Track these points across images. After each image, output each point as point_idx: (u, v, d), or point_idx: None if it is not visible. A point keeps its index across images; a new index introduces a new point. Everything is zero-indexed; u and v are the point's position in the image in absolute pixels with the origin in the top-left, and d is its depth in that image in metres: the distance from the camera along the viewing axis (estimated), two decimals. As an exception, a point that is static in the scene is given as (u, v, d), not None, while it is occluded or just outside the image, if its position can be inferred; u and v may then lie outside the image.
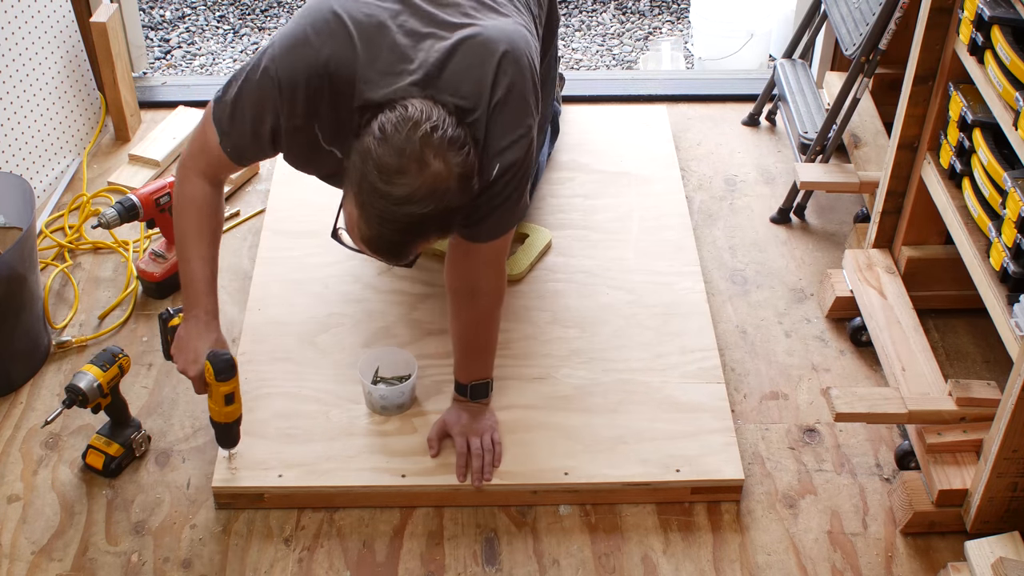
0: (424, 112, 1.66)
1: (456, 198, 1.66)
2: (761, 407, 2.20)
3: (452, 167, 1.64)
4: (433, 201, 1.63)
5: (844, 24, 2.47)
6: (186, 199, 1.92)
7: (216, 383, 1.87)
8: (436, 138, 1.63)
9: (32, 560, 1.92)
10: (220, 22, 3.80)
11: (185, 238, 1.92)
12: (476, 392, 2.05)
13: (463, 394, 2.06)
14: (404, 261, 1.75)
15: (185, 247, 1.92)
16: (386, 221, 1.64)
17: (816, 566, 1.93)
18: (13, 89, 2.54)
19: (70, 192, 2.71)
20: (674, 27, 3.84)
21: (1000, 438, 1.78)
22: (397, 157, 1.61)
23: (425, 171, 1.62)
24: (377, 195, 1.63)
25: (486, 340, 2.04)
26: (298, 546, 1.95)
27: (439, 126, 1.65)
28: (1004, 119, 1.81)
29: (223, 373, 1.87)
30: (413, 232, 1.67)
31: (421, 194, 1.62)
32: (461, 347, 2.04)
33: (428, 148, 1.62)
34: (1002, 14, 1.84)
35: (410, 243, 1.69)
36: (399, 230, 1.65)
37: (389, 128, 1.64)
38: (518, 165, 1.83)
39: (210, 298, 1.93)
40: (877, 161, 2.52)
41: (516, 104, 1.80)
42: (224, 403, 1.90)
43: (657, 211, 2.59)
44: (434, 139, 1.63)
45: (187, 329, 1.92)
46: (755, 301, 2.43)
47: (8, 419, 2.16)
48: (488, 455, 2.00)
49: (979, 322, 2.27)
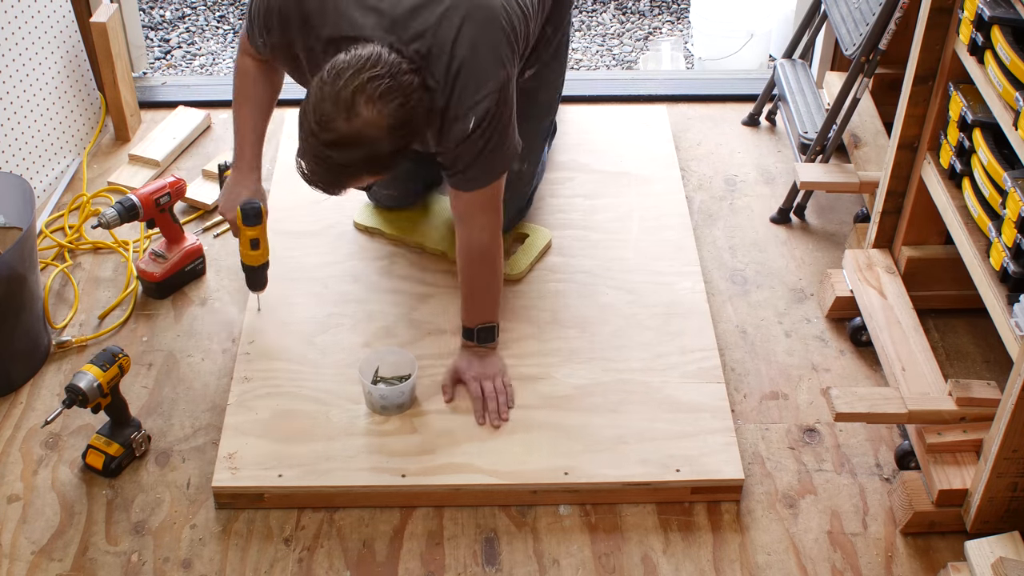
0: (372, 59, 1.76)
1: (386, 145, 1.78)
2: (761, 407, 2.20)
3: (383, 116, 1.75)
4: (360, 148, 1.77)
5: (844, 24, 2.47)
6: (236, 71, 2.16)
7: (244, 227, 2.13)
8: (372, 87, 1.74)
9: (32, 560, 1.92)
10: (220, 22, 3.79)
11: (235, 102, 2.17)
12: (483, 336, 2.12)
13: (470, 339, 2.13)
14: (337, 194, 1.88)
15: (235, 109, 2.17)
16: (317, 159, 1.79)
17: (816, 566, 1.93)
18: (13, 89, 2.54)
19: (70, 192, 2.71)
20: (674, 27, 3.84)
21: (1000, 438, 1.78)
22: (331, 103, 1.74)
23: (353, 120, 1.74)
24: (311, 135, 1.77)
25: (487, 280, 2.11)
26: (298, 546, 1.95)
27: (380, 75, 1.75)
28: (1004, 119, 1.81)
29: (249, 219, 2.13)
30: (342, 173, 1.82)
31: (347, 141, 1.75)
32: (464, 286, 2.12)
33: (360, 95, 1.74)
34: (1002, 14, 1.84)
35: (340, 183, 1.84)
36: (328, 170, 1.81)
37: (334, 71, 1.76)
38: (492, 115, 1.91)
39: (252, 151, 2.17)
40: (877, 161, 2.52)
41: (485, 56, 1.88)
42: (250, 247, 2.17)
43: (657, 211, 2.59)
44: (369, 88, 1.74)
45: (232, 178, 2.19)
46: (755, 301, 2.43)
47: (8, 419, 2.16)
48: (502, 396, 2.09)
49: (979, 322, 2.27)
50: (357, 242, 2.50)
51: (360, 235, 2.51)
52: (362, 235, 2.51)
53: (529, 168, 2.41)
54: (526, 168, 2.39)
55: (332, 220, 2.55)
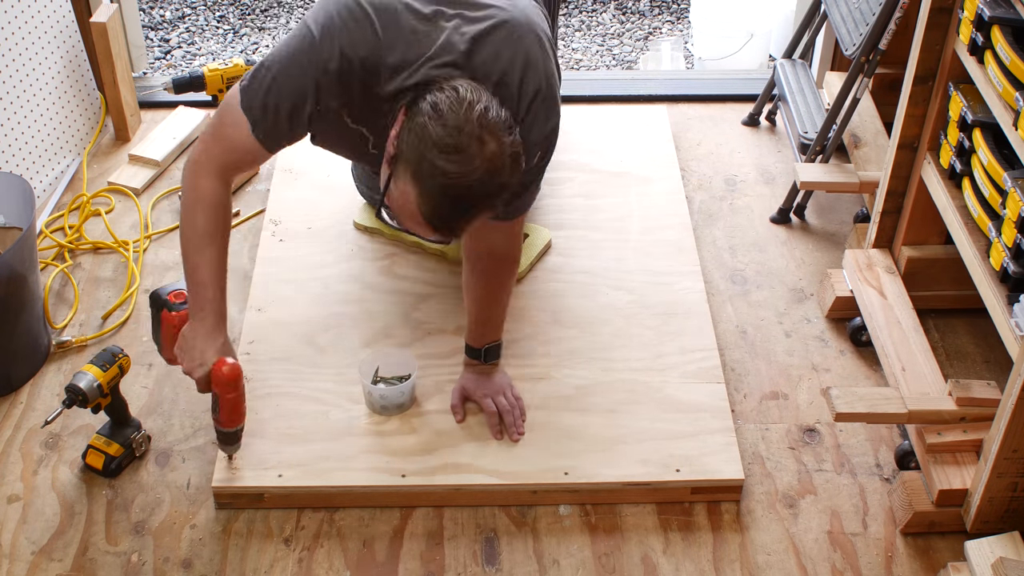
0: (474, 93, 1.71)
1: (508, 175, 1.71)
2: (761, 407, 2.20)
3: (505, 146, 1.69)
4: (490, 178, 1.67)
5: (844, 24, 2.47)
6: (199, 199, 1.88)
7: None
8: (490, 118, 1.68)
9: (32, 560, 1.92)
10: (220, 22, 3.80)
11: (196, 239, 1.88)
12: (490, 354, 2.11)
13: (477, 358, 2.11)
14: (457, 236, 1.77)
15: (196, 249, 1.88)
16: (445, 197, 1.67)
17: (816, 566, 1.93)
18: (13, 89, 2.54)
19: (70, 192, 2.71)
20: (674, 27, 3.84)
21: (1000, 438, 1.78)
22: (456, 135, 1.65)
23: (484, 149, 1.66)
24: (437, 171, 1.65)
25: (499, 304, 2.09)
26: (298, 546, 1.95)
27: (490, 107, 1.70)
28: (1004, 119, 1.81)
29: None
30: (469, 208, 1.70)
31: (480, 171, 1.66)
32: (476, 311, 2.08)
33: (484, 128, 1.66)
34: (1002, 14, 1.84)
35: (465, 218, 1.72)
36: (457, 206, 1.68)
37: (444, 107, 1.68)
38: (550, 150, 1.95)
39: (219, 302, 1.89)
40: (877, 161, 2.52)
41: (550, 97, 1.89)
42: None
43: (657, 211, 2.59)
44: (488, 119, 1.68)
45: (194, 330, 1.89)
46: (755, 301, 2.43)
47: (8, 419, 2.16)
48: (516, 410, 2.08)
49: (979, 322, 2.27)
50: (357, 242, 2.50)
51: (360, 235, 2.51)
52: (362, 235, 2.51)
53: None
54: None
55: (332, 220, 2.55)
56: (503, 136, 1.68)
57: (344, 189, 2.60)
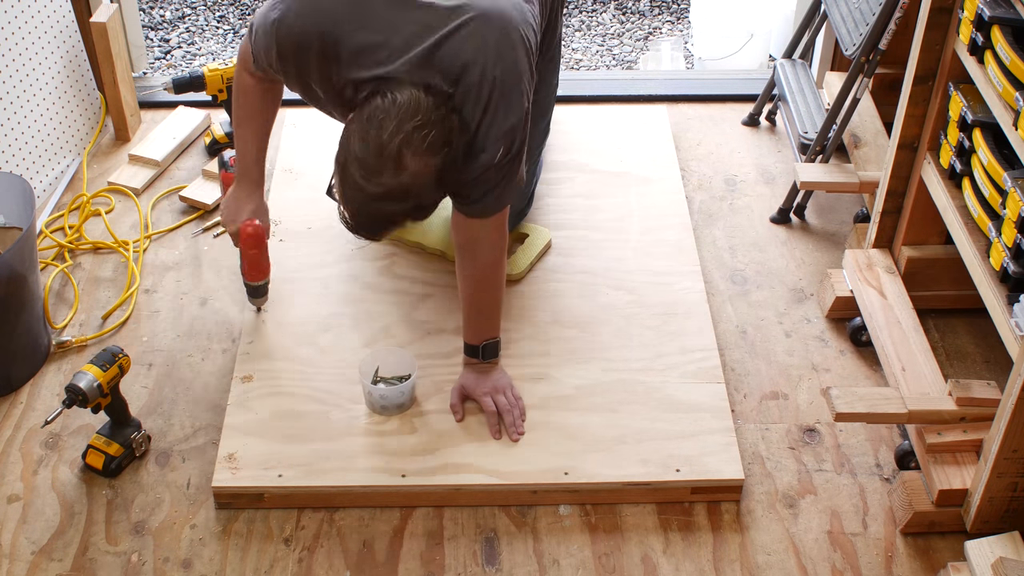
0: (411, 106, 1.73)
1: (431, 193, 1.79)
2: (761, 407, 2.20)
3: (429, 168, 1.74)
4: (407, 199, 1.76)
5: (844, 24, 2.47)
6: (236, 88, 2.16)
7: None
8: (417, 139, 1.72)
9: (32, 560, 1.92)
10: (220, 22, 3.80)
11: (236, 119, 2.19)
12: (487, 352, 2.10)
13: (475, 355, 2.11)
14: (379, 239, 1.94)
15: (236, 125, 2.20)
16: (361, 212, 1.78)
17: (816, 566, 1.93)
18: (13, 89, 2.54)
19: (70, 192, 2.71)
20: (674, 27, 3.84)
21: (1000, 438, 1.78)
22: (376, 156, 1.71)
23: (402, 173, 1.72)
24: (356, 188, 1.75)
25: (491, 298, 2.09)
26: (298, 546, 1.95)
27: (424, 125, 1.72)
28: (1004, 119, 1.81)
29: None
30: (386, 222, 1.82)
31: (396, 194, 1.74)
32: (469, 306, 2.10)
33: (407, 148, 1.71)
34: (1002, 14, 1.84)
35: (383, 230, 1.85)
36: (373, 220, 1.80)
37: (375, 121, 1.72)
38: (516, 145, 1.90)
39: (253, 171, 2.19)
40: (877, 161, 2.52)
41: (511, 92, 1.86)
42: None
43: (657, 211, 2.59)
44: (415, 139, 1.71)
45: (235, 192, 2.21)
46: (755, 301, 2.43)
47: (8, 419, 2.16)
48: (515, 409, 2.08)
49: (979, 322, 2.27)
50: (357, 242, 2.48)
51: (360, 235, 2.51)
52: (362, 235, 2.51)
53: (529, 168, 2.41)
54: (527, 168, 2.39)
55: (332, 220, 2.52)
56: (429, 157, 1.73)
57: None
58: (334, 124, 2.57)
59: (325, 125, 2.56)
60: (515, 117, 1.87)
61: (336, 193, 1.82)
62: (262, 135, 2.19)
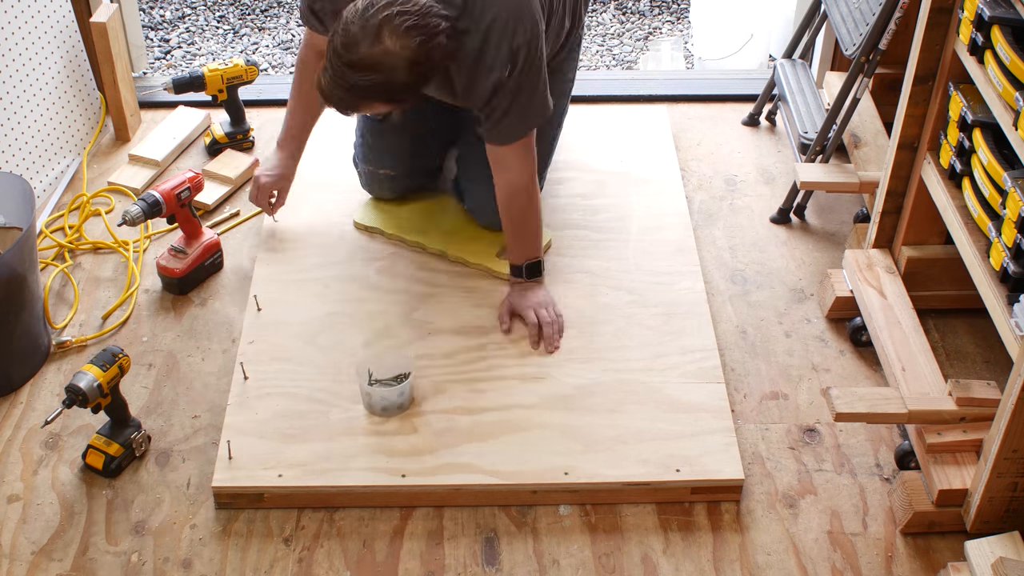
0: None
1: (402, 76, 1.91)
2: (761, 407, 2.20)
3: (402, 49, 1.88)
4: (377, 73, 1.89)
5: (844, 24, 2.47)
6: (297, 62, 2.38)
7: None
8: (399, 20, 1.87)
9: (32, 560, 1.92)
10: (220, 22, 3.80)
11: (292, 88, 2.39)
12: (531, 271, 2.28)
13: (519, 275, 2.29)
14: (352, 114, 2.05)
15: (290, 94, 2.40)
16: (336, 78, 1.92)
17: (816, 566, 1.93)
18: (13, 89, 2.54)
19: (70, 192, 2.71)
20: (674, 27, 3.84)
21: (1000, 438, 1.78)
22: (359, 27, 1.88)
23: (375, 46, 1.88)
24: (334, 53, 1.91)
25: (530, 217, 2.25)
26: (298, 546, 1.95)
27: (409, 11, 1.87)
28: (1004, 119, 1.81)
29: None
30: (356, 94, 1.94)
31: (365, 64, 1.89)
32: (509, 231, 2.27)
33: (387, 25, 1.87)
34: (1002, 14, 1.84)
35: (353, 103, 1.98)
36: (344, 88, 1.92)
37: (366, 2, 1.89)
38: (524, 64, 2.04)
39: (286, 137, 2.42)
40: (877, 161, 2.52)
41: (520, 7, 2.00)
42: None
43: (657, 211, 2.59)
44: (396, 20, 1.87)
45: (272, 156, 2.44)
46: (755, 301, 2.43)
47: (8, 419, 2.16)
48: (555, 323, 2.24)
49: (979, 322, 2.27)
50: (357, 242, 2.50)
51: (360, 235, 2.51)
52: (362, 235, 2.51)
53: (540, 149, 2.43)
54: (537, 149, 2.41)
55: (332, 220, 2.55)
56: (407, 39, 1.87)
57: (344, 189, 2.60)
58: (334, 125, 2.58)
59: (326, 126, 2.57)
60: (522, 37, 2.00)
61: None
62: (306, 112, 2.39)
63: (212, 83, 2.74)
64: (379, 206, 2.55)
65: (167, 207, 2.36)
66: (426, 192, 2.58)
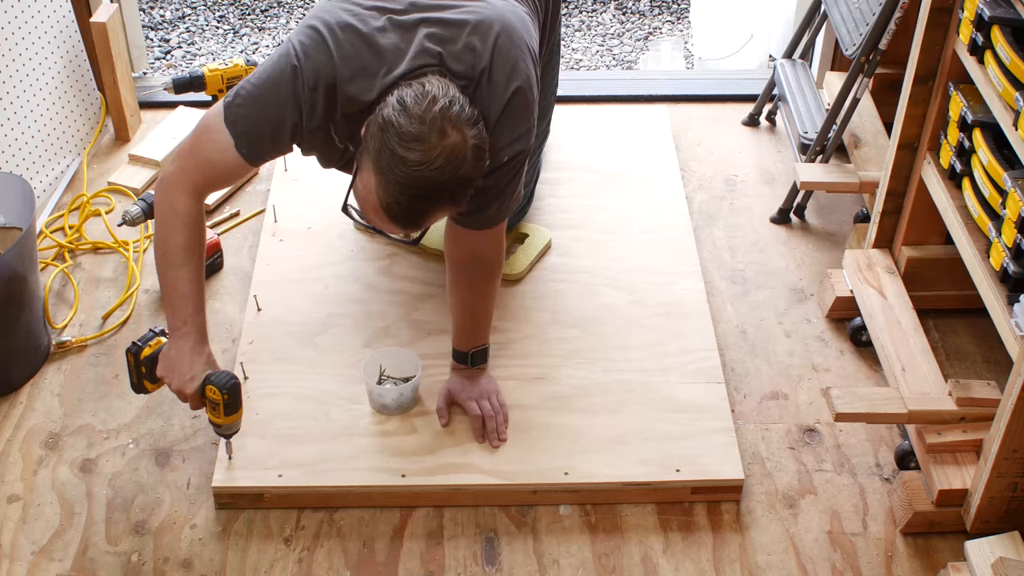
0: (441, 88, 1.74)
1: (470, 169, 1.74)
2: (761, 407, 2.20)
3: (468, 139, 1.72)
4: (450, 168, 1.70)
5: (844, 24, 2.47)
6: (176, 215, 1.89)
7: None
8: (454, 112, 1.71)
9: (32, 560, 1.92)
10: (220, 22, 3.80)
11: (174, 255, 1.89)
12: (476, 359, 2.11)
13: (463, 362, 2.11)
14: (417, 230, 1.83)
15: (175, 265, 1.89)
16: (404, 186, 1.69)
17: (816, 566, 1.93)
18: (13, 89, 2.54)
19: (70, 192, 2.71)
20: (674, 27, 3.84)
21: (1000, 438, 1.78)
22: (418, 125, 1.68)
23: (444, 140, 1.69)
24: (397, 160, 1.68)
25: (485, 308, 2.10)
26: (298, 546, 1.95)
27: (455, 101, 1.73)
28: (1004, 119, 1.81)
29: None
30: (428, 199, 1.72)
31: (440, 161, 1.69)
32: (462, 315, 2.09)
33: (446, 120, 1.70)
34: (1002, 14, 1.84)
35: (424, 210, 1.75)
36: (415, 196, 1.71)
37: (409, 100, 1.71)
38: (523, 155, 1.93)
39: (201, 316, 1.91)
40: (877, 161, 2.52)
41: (523, 96, 1.87)
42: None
43: (657, 211, 2.59)
44: (452, 112, 1.71)
45: (178, 347, 1.89)
46: (755, 301, 2.43)
47: (8, 419, 2.16)
48: (499, 416, 2.08)
49: (979, 322, 2.26)
50: (357, 242, 2.50)
51: (360, 235, 2.51)
52: (362, 235, 2.51)
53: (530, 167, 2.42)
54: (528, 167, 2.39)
55: (332, 220, 2.54)
56: (466, 129, 1.72)
57: (344, 189, 2.59)
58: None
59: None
60: (520, 130, 1.89)
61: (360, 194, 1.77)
62: (201, 274, 1.93)
63: (212, 83, 2.73)
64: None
65: None
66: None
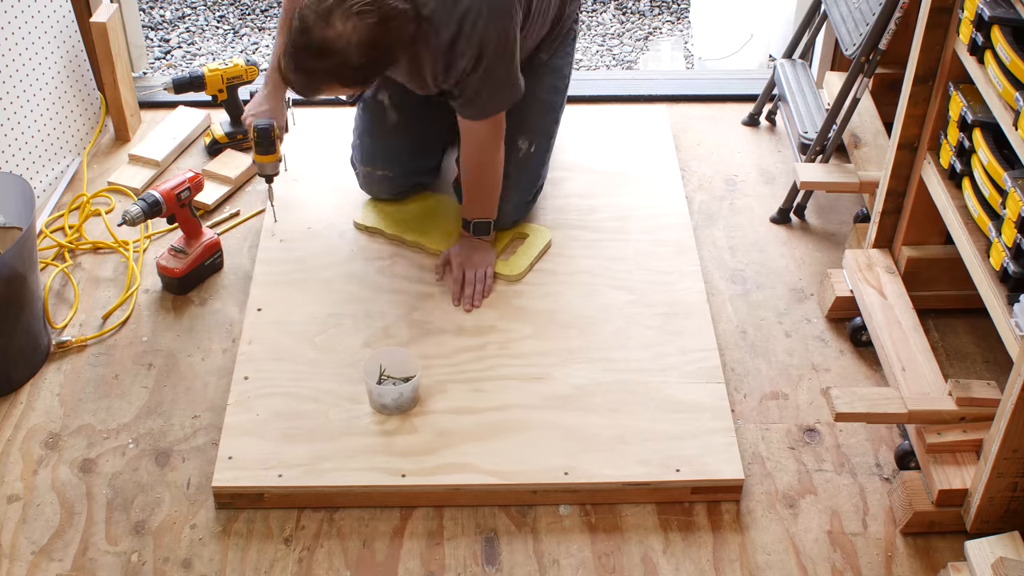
0: None
1: (353, 59, 1.95)
2: (761, 407, 2.20)
3: (352, 32, 1.92)
4: (328, 58, 1.95)
5: (844, 24, 2.47)
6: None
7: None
8: (350, 4, 1.91)
9: (32, 560, 1.92)
10: (220, 22, 3.80)
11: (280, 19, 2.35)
12: (478, 228, 2.35)
13: (467, 229, 2.36)
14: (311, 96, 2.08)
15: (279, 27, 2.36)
16: (291, 60, 1.98)
17: (816, 566, 1.93)
18: (13, 89, 2.54)
19: (70, 192, 2.71)
20: (674, 27, 3.84)
21: (1000, 438, 1.78)
22: (313, 11, 1.93)
23: (326, 30, 1.92)
24: (290, 38, 1.97)
25: (488, 182, 2.32)
26: (298, 546, 1.95)
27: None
28: (1004, 119, 1.81)
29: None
30: (312, 78, 2.00)
31: (317, 48, 1.94)
32: (468, 187, 2.33)
33: (339, 10, 1.92)
34: (1002, 14, 1.84)
35: (311, 87, 2.03)
36: (300, 71, 1.99)
37: None
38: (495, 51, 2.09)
39: (272, 67, 2.36)
40: (877, 161, 2.52)
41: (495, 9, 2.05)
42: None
43: (657, 211, 2.59)
44: (347, 4, 1.91)
45: (262, 89, 2.40)
46: (755, 301, 2.43)
47: (8, 419, 2.16)
48: (480, 284, 2.31)
49: (979, 322, 2.27)
50: (357, 242, 2.50)
51: (360, 235, 2.51)
52: (362, 235, 2.51)
53: (537, 152, 2.43)
54: (533, 150, 2.42)
55: (332, 220, 2.55)
56: (356, 21, 1.91)
57: (344, 189, 2.60)
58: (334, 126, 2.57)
59: (325, 127, 2.57)
60: (494, 27, 2.05)
61: None
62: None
63: (212, 83, 2.74)
64: (379, 206, 2.55)
65: (167, 207, 2.36)
66: (426, 192, 2.58)
